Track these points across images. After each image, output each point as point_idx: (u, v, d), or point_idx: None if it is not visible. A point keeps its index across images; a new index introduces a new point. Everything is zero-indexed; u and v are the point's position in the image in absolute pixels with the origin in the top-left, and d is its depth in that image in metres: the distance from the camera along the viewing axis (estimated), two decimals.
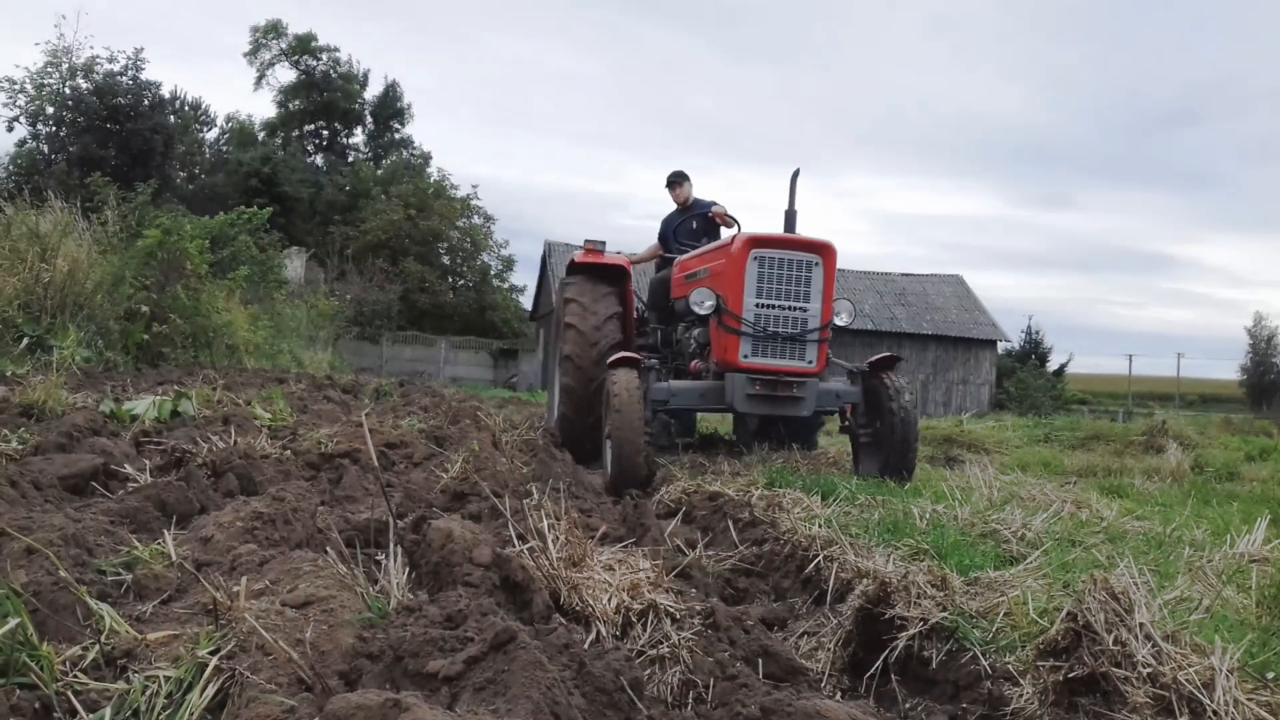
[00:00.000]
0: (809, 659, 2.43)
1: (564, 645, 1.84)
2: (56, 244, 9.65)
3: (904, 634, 2.27)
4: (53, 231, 9.93)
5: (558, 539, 2.46)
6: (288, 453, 4.06)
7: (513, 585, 2.23)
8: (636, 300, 7.50)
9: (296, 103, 42.78)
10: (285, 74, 43.19)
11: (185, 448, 3.81)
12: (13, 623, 1.53)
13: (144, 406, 5.05)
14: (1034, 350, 36.06)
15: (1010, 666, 2.08)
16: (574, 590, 2.30)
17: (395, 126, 44.76)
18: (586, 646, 1.95)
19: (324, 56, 42.90)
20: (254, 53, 43.09)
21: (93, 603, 1.77)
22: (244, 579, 1.90)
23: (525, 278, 46.56)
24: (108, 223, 11.85)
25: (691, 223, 7.58)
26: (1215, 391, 49.20)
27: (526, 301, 37.83)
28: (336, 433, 4.59)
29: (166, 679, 1.54)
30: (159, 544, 2.31)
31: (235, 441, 4.06)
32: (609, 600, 2.29)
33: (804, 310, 5.52)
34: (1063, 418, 15.60)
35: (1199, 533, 3.78)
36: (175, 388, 6.44)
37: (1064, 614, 2.01)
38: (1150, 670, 1.84)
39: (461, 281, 37.08)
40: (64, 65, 26.59)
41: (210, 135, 39.55)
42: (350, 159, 42.89)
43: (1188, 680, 1.81)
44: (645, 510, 3.92)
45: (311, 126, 43.91)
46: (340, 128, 44.26)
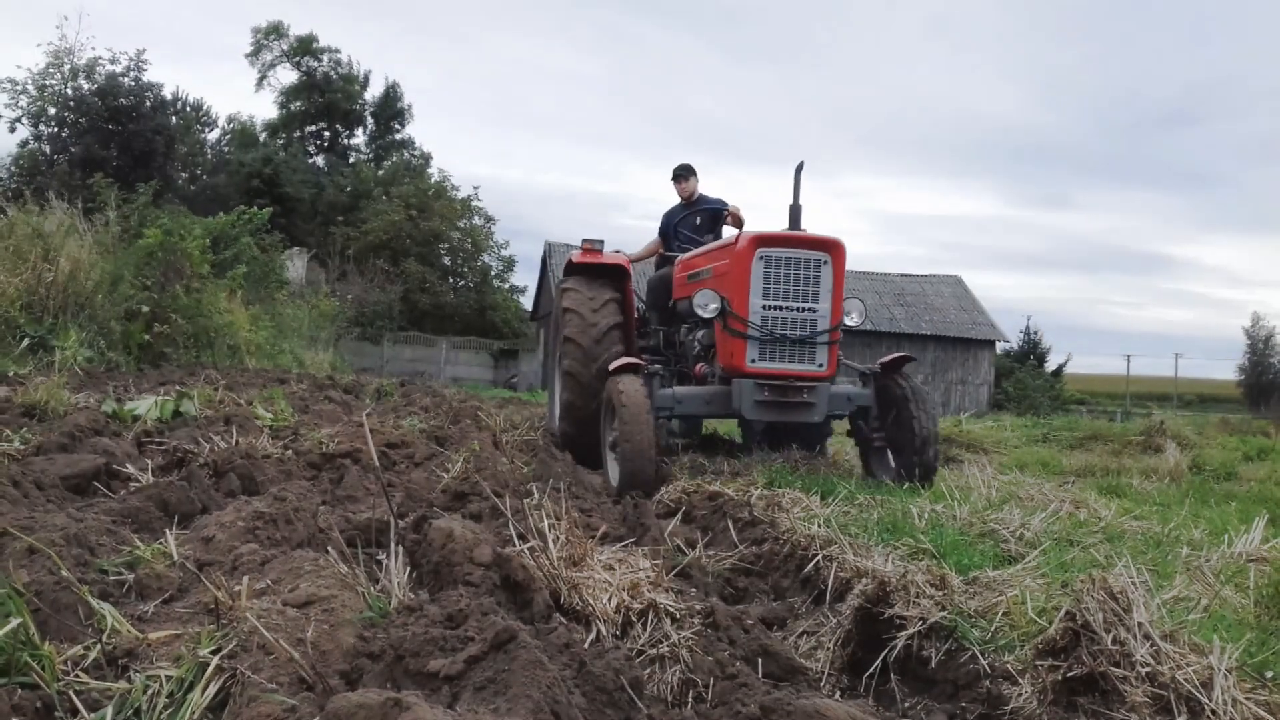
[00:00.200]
0: (808, 658, 2.44)
1: (564, 645, 1.84)
2: (58, 245, 9.67)
3: (903, 633, 2.27)
4: (55, 232, 9.95)
5: (558, 539, 2.46)
6: (289, 453, 4.07)
7: (513, 585, 2.24)
8: (636, 300, 7.22)
9: (298, 104, 42.80)
10: (286, 75, 43.24)
11: (187, 448, 3.82)
12: (15, 622, 1.54)
13: (146, 406, 5.07)
14: (1032, 350, 36.05)
15: (1009, 666, 2.09)
16: (574, 590, 2.31)
17: (396, 127, 44.77)
18: (587, 646, 1.95)
19: (325, 58, 42.93)
20: (255, 54, 43.13)
21: (94, 602, 1.78)
22: (245, 578, 1.91)
23: (525, 278, 46.55)
24: (109, 223, 11.86)
25: (695, 218, 7.28)
26: (1213, 392, 49.16)
27: (527, 302, 37.83)
28: (338, 433, 4.60)
29: (168, 678, 1.55)
30: (161, 544, 2.31)
31: (237, 441, 4.07)
32: (609, 600, 2.29)
33: (813, 311, 5.29)
34: (1061, 418, 15.60)
35: (1197, 532, 3.78)
36: (177, 388, 6.45)
37: (1063, 613, 2.01)
38: (1149, 669, 1.85)
39: (462, 282, 37.06)
40: (66, 66, 26.56)
41: (212, 136, 39.56)
42: (351, 160, 42.89)
43: (1186, 679, 1.82)
44: (645, 510, 3.92)
45: (313, 127, 43.92)
46: (341, 129, 44.28)
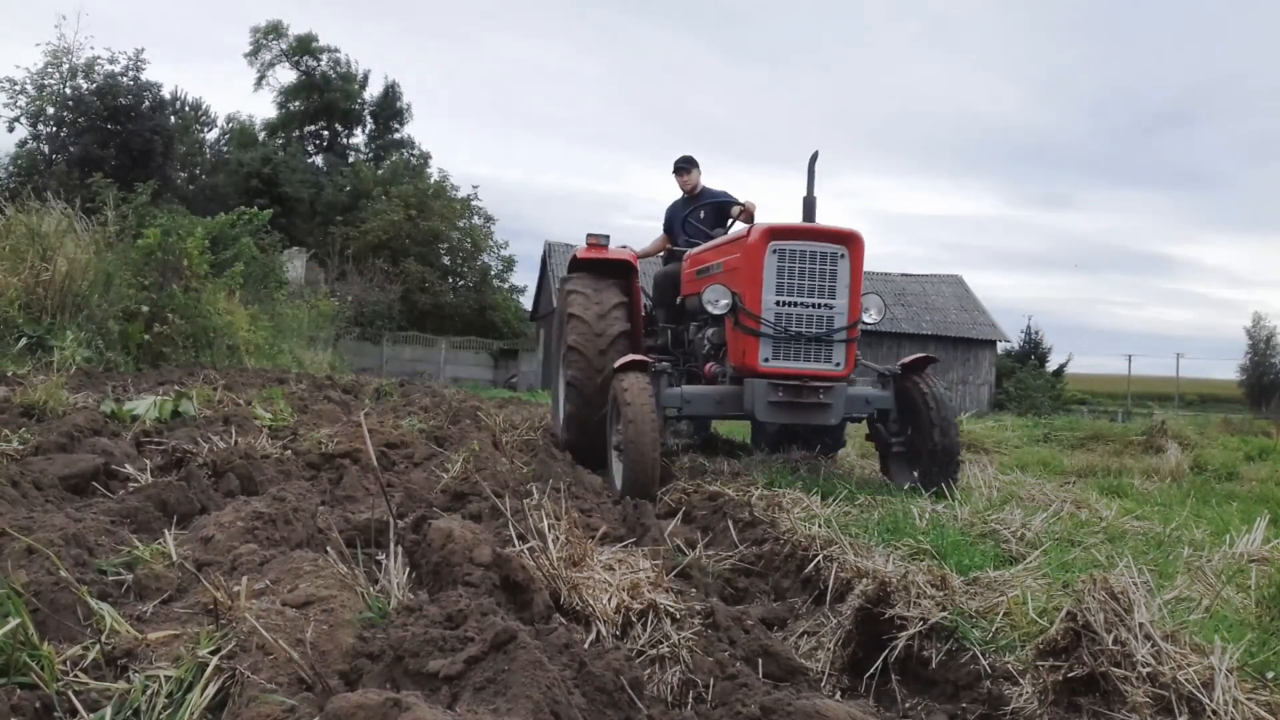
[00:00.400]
0: (809, 659, 2.43)
1: (564, 645, 1.84)
2: (55, 244, 9.66)
3: (904, 634, 2.27)
4: (52, 232, 9.94)
5: (558, 539, 2.46)
6: (288, 453, 4.06)
7: (513, 585, 2.23)
8: (643, 297, 6.92)
9: (297, 103, 42.81)
10: (285, 74, 43.25)
11: (186, 448, 3.81)
12: (13, 622, 1.54)
13: (145, 407, 5.06)
14: (1033, 350, 36.08)
15: (1010, 666, 2.08)
16: (574, 590, 2.30)
17: (395, 127, 44.79)
18: (586, 646, 1.95)
19: (324, 57, 42.95)
20: (254, 53, 43.15)
21: (93, 602, 1.77)
22: (244, 579, 1.90)
23: (525, 278, 46.62)
24: (107, 223, 11.85)
25: (700, 212, 6.97)
26: (1214, 391, 49.20)
27: (527, 302, 37.86)
28: (337, 433, 4.59)
29: (167, 679, 1.54)
30: (160, 544, 2.31)
31: (236, 441, 4.07)
32: (609, 600, 2.29)
33: (829, 307, 5.00)
34: (1062, 418, 15.59)
35: (1198, 533, 3.78)
36: (176, 388, 6.45)
37: (1063, 614, 2.01)
38: (1150, 670, 1.85)
39: (462, 282, 37.07)
40: (64, 66, 26.55)
41: (211, 136, 39.54)
42: (350, 159, 42.89)
43: (1187, 680, 1.81)
44: (645, 510, 3.92)
45: (312, 127, 43.93)
46: (340, 128, 44.29)
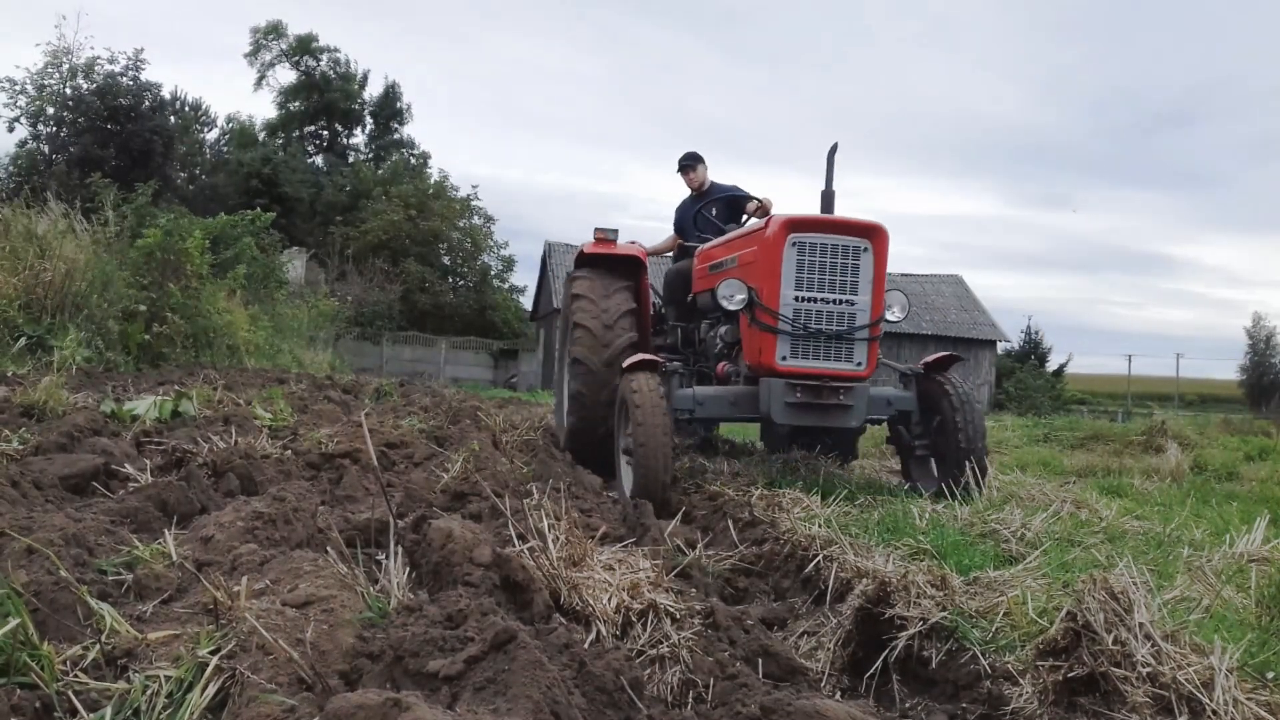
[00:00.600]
0: (809, 659, 2.43)
1: (564, 645, 1.84)
2: (52, 245, 9.66)
3: (904, 634, 2.27)
4: (49, 232, 9.94)
5: (558, 539, 2.46)
6: (288, 453, 4.06)
7: (513, 585, 2.23)
8: (653, 295, 6.70)
9: (297, 103, 42.86)
10: (285, 75, 43.32)
11: (186, 448, 3.81)
12: (13, 622, 1.54)
13: (145, 406, 5.06)
14: (1033, 350, 36.12)
15: (1010, 666, 2.08)
16: (574, 590, 2.30)
17: (395, 127, 44.84)
18: (586, 646, 1.95)
19: (324, 57, 43.01)
20: (254, 53, 43.23)
21: (93, 602, 1.77)
22: (244, 579, 1.90)
23: (525, 278, 46.70)
24: (107, 223, 11.86)
25: (710, 209, 6.69)
26: (1214, 391, 49.25)
27: (527, 302, 37.87)
28: (337, 433, 4.59)
29: (167, 678, 1.54)
30: (160, 544, 2.31)
31: (236, 441, 4.07)
32: (609, 600, 2.29)
33: (851, 304, 4.79)
34: (1062, 418, 15.60)
35: (1198, 533, 3.78)
36: (176, 388, 6.44)
37: (1063, 614, 2.01)
38: (1150, 670, 1.84)
39: (462, 282, 37.09)
40: (64, 66, 26.61)
41: (211, 136, 39.60)
42: (350, 159, 42.93)
43: (1187, 680, 1.81)
44: (645, 510, 3.92)
45: (312, 127, 43.98)
46: (340, 128, 44.34)
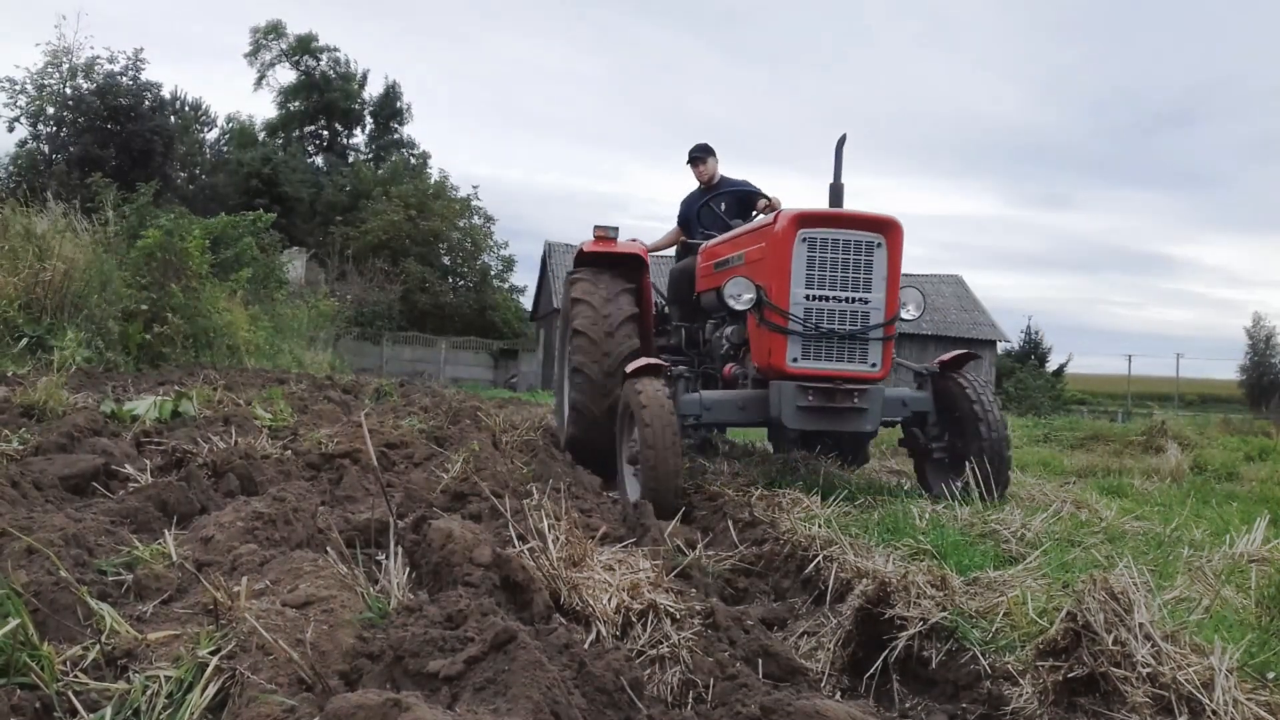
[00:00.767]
0: (809, 659, 2.43)
1: (564, 645, 1.84)
2: (51, 244, 9.66)
3: (904, 634, 2.27)
4: (48, 232, 9.93)
5: (558, 539, 2.46)
6: (288, 453, 4.06)
7: (513, 585, 2.23)
8: (655, 294, 6.49)
9: (297, 103, 42.87)
10: (285, 74, 43.33)
11: (186, 448, 3.81)
12: (13, 623, 1.54)
13: (145, 407, 5.06)
14: (1033, 350, 36.16)
15: (1010, 666, 2.08)
16: (574, 590, 2.30)
17: (395, 127, 44.84)
18: (586, 646, 1.95)
19: (324, 57, 43.02)
20: (254, 53, 43.26)
21: (93, 603, 1.77)
22: (244, 579, 1.90)
23: (525, 278, 46.73)
24: (108, 223, 11.86)
25: (719, 203, 6.45)
26: (1214, 391, 49.28)
27: (527, 302, 37.89)
28: (337, 433, 4.59)
29: (167, 679, 1.54)
30: (160, 544, 2.31)
31: (236, 442, 4.07)
32: (609, 600, 2.29)
33: (865, 302, 4.57)
34: (1062, 418, 15.62)
35: (1198, 533, 3.78)
36: (176, 388, 6.44)
37: (1063, 614, 2.01)
38: (1150, 670, 1.84)
39: (462, 282, 37.10)
40: (64, 66, 26.60)
41: (210, 136, 39.62)
42: (350, 159, 42.94)
43: (1187, 680, 1.81)
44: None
45: (312, 127, 44.00)
46: (340, 128, 44.35)
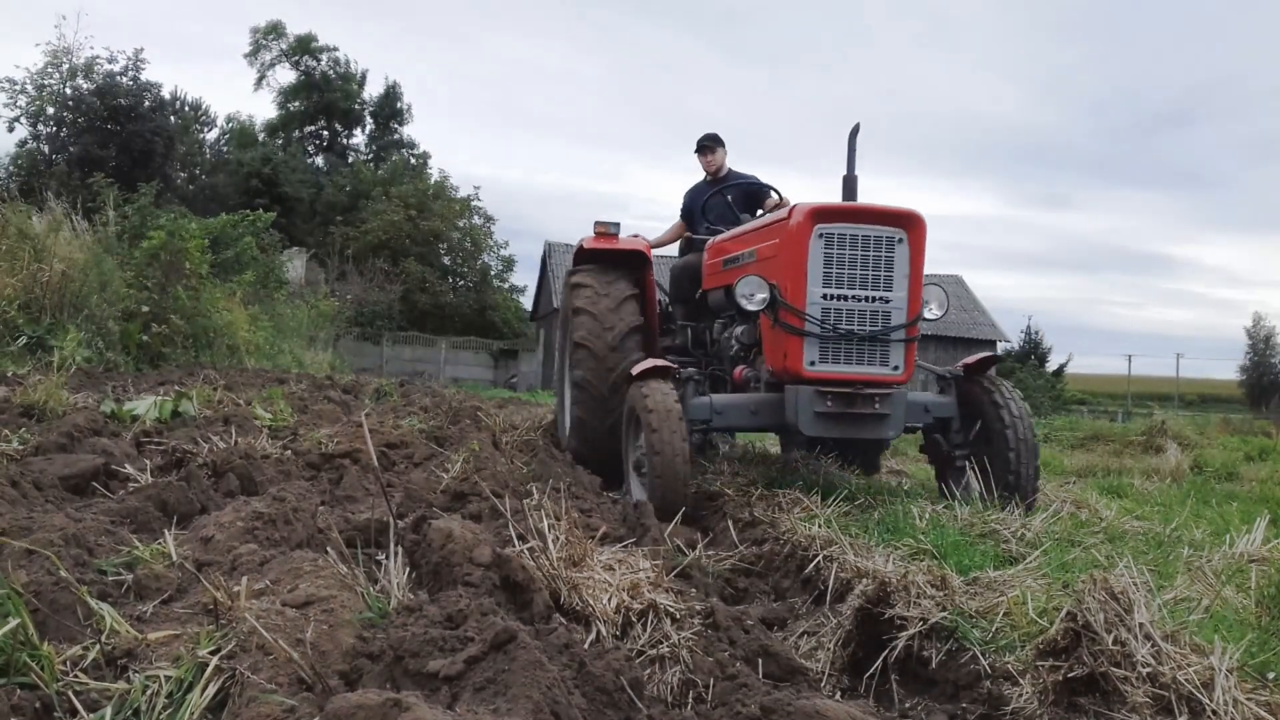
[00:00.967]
0: (809, 659, 2.43)
1: (564, 645, 1.84)
2: (47, 244, 9.65)
3: (904, 634, 2.27)
4: (43, 232, 9.92)
5: (558, 539, 2.46)
6: (288, 453, 4.06)
7: (513, 585, 2.23)
8: (659, 292, 6.26)
9: (297, 103, 42.86)
10: (285, 75, 43.31)
11: (186, 448, 3.81)
12: (13, 623, 1.54)
13: (145, 407, 5.06)
14: (1033, 350, 36.17)
15: (1010, 666, 2.08)
16: (574, 590, 2.30)
17: (395, 127, 44.84)
18: (586, 646, 1.95)
19: (324, 57, 43.01)
20: (254, 53, 43.23)
21: (93, 603, 1.77)
22: (244, 579, 1.90)
23: (525, 278, 46.73)
24: (108, 223, 11.87)
25: (726, 196, 6.20)
26: (1214, 391, 49.30)
27: (527, 302, 37.90)
28: (337, 433, 4.59)
29: (167, 679, 1.54)
30: (160, 544, 2.31)
31: (236, 442, 4.07)
32: (609, 600, 2.29)
33: (886, 301, 4.32)
34: (1062, 418, 15.63)
35: (1198, 533, 3.78)
36: (176, 388, 6.44)
37: (1063, 614, 2.01)
38: (1150, 670, 1.84)
39: (462, 282, 37.09)
40: (64, 66, 26.57)
41: (211, 136, 39.62)
42: (350, 159, 42.93)
43: (1187, 680, 1.81)
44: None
45: (312, 127, 43.99)
46: (340, 128, 44.34)
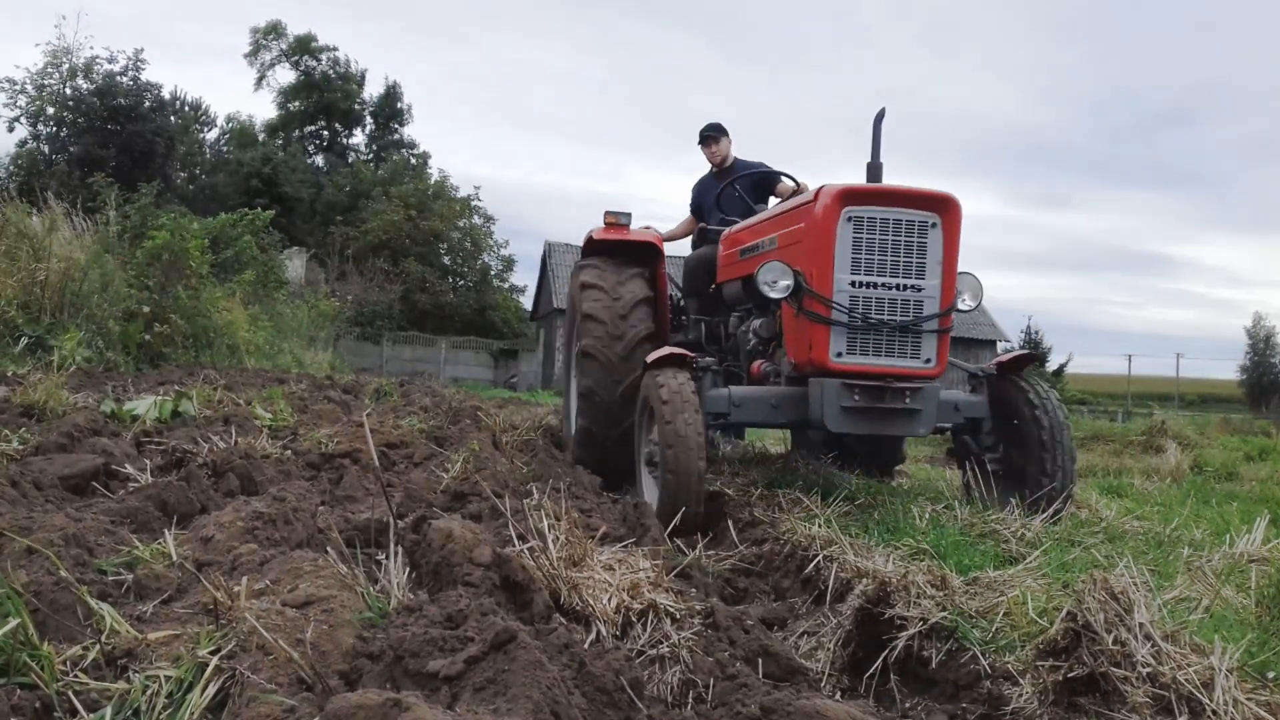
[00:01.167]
0: (809, 659, 2.43)
1: (564, 645, 1.84)
2: (46, 244, 9.64)
3: (904, 634, 2.27)
4: (43, 232, 9.92)
5: (558, 539, 2.46)
6: (288, 453, 4.06)
7: (513, 585, 2.23)
8: (671, 287, 6.12)
9: (296, 103, 42.88)
10: (285, 75, 43.34)
11: (186, 448, 3.81)
12: (13, 623, 1.54)
13: (145, 406, 5.06)
14: (1033, 350, 36.14)
15: (1010, 666, 2.08)
16: (574, 590, 2.30)
17: (395, 127, 44.86)
18: (586, 646, 1.95)
19: (324, 57, 43.03)
20: (254, 54, 43.27)
21: (93, 602, 1.77)
22: (244, 579, 1.90)
23: (525, 278, 46.80)
24: (109, 223, 11.87)
25: (734, 187, 5.96)
26: (1214, 391, 49.31)
27: (527, 301, 37.90)
28: (337, 433, 4.59)
29: (167, 679, 1.54)
30: (160, 544, 2.31)
31: (236, 441, 4.07)
32: (609, 600, 2.29)
33: (918, 290, 4.05)
34: None
35: (1198, 533, 3.78)
36: (176, 388, 6.44)
37: (1063, 614, 2.01)
38: (1150, 670, 1.85)
39: (462, 282, 37.10)
40: (64, 66, 26.60)
41: (210, 136, 39.65)
42: (350, 159, 42.94)
43: (1187, 680, 1.81)
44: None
45: (312, 127, 44.02)
46: (340, 128, 44.37)
